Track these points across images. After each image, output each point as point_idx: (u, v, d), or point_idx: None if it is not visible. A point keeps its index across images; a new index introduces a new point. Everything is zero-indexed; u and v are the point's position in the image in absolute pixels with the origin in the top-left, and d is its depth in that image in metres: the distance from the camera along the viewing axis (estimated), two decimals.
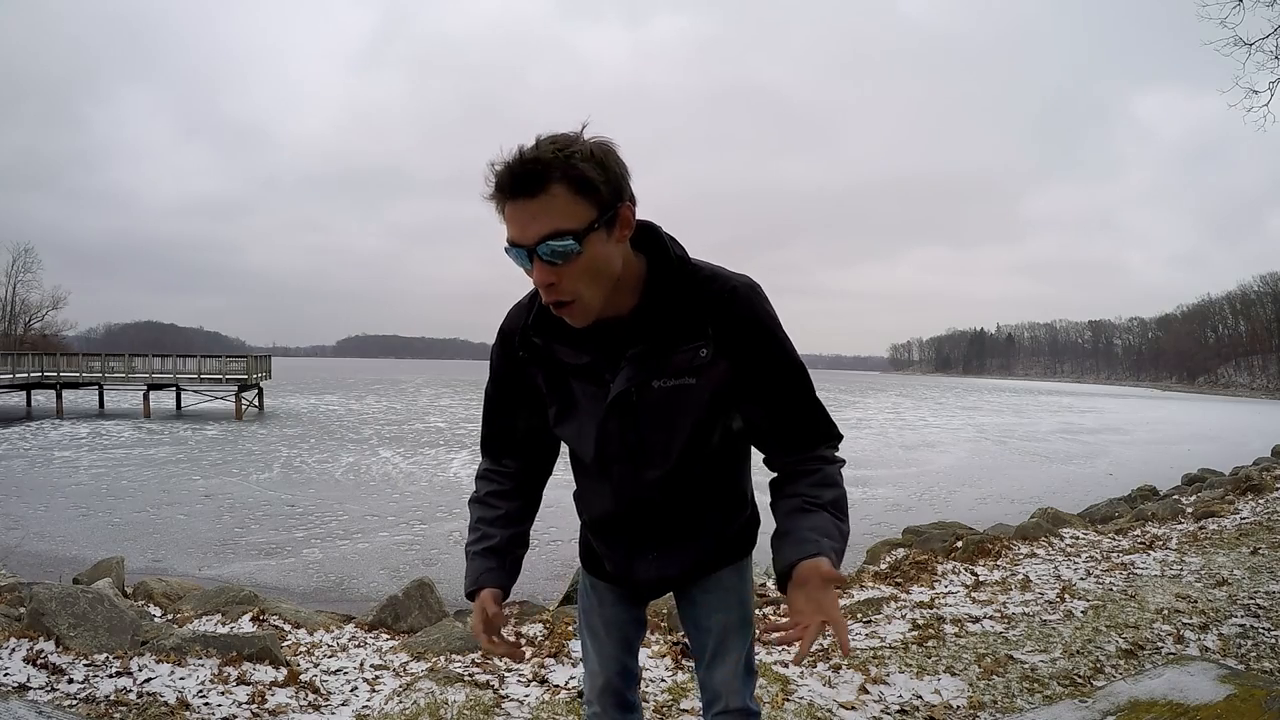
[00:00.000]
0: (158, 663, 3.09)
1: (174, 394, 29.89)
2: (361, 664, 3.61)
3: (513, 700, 2.91)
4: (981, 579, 4.86)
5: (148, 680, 2.91)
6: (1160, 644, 3.45)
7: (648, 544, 1.29)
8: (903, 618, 3.94)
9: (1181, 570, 4.92)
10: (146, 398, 27.34)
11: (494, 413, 1.33)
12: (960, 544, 6.10)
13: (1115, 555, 5.60)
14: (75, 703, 2.66)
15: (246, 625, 4.52)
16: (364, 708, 2.97)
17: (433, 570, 7.80)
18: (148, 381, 27.99)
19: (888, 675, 3.08)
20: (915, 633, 3.65)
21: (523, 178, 1.01)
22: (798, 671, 3.16)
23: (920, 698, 2.88)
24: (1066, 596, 4.26)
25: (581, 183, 1.02)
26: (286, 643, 3.99)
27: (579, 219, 1.02)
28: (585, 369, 1.18)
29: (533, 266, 1.05)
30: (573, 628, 3.89)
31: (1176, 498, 10.15)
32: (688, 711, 2.76)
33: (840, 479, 1.19)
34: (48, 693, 2.73)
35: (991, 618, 3.90)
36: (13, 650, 3.05)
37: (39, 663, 2.96)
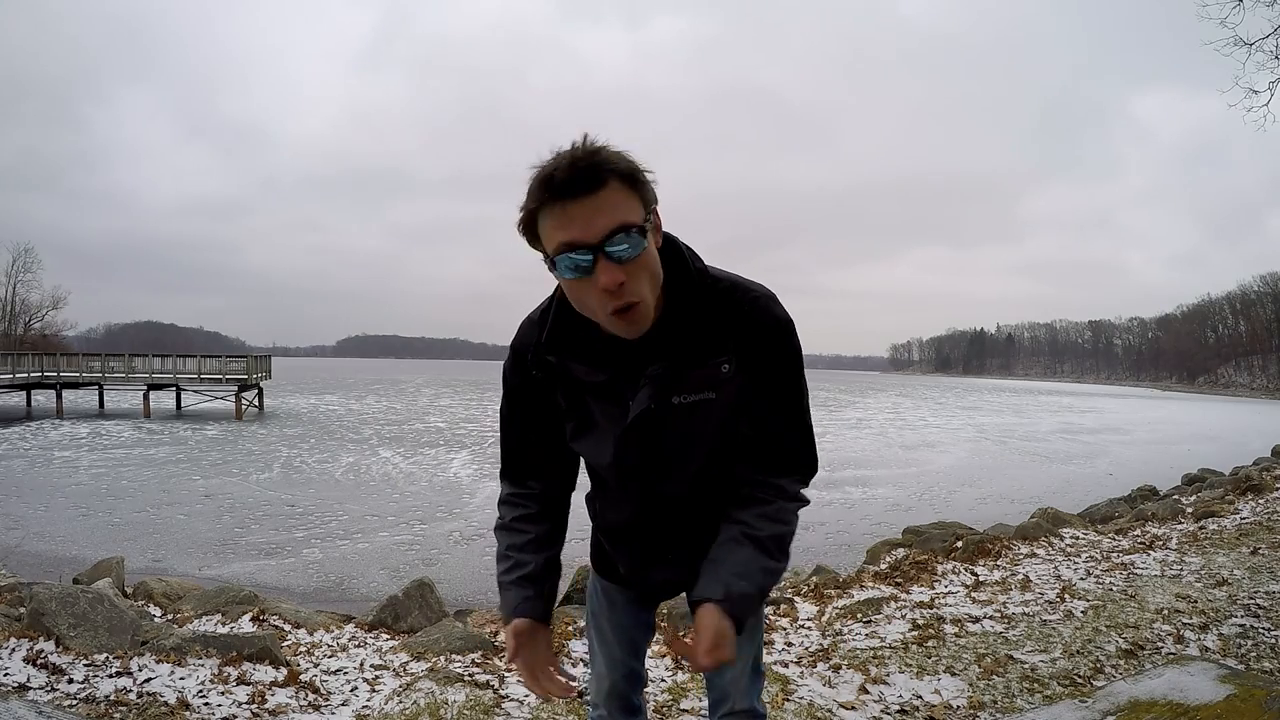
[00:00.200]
0: (158, 663, 3.09)
1: (174, 394, 29.87)
2: (361, 664, 3.61)
3: (513, 700, 2.91)
4: (981, 579, 4.86)
5: (148, 680, 2.91)
6: (1160, 644, 3.45)
7: (663, 549, 1.27)
8: (903, 618, 3.94)
9: (1181, 570, 4.92)
10: (146, 398, 27.34)
11: (512, 434, 1.28)
12: (960, 544, 6.10)
13: (1115, 555, 5.59)
14: (75, 703, 2.66)
15: (246, 625, 4.52)
16: (364, 708, 2.97)
17: (433, 570, 7.80)
18: (148, 381, 27.97)
19: (888, 675, 3.09)
20: (915, 633, 3.65)
21: (583, 172, 0.97)
22: (798, 671, 3.16)
23: (920, 698, 2.88)
24: (1066, 596, 4.26)
25: (633, 178, 1.00)
26: (286, 643, 3.99)
27: (637, 214, 1.00)
28: (603, 387, 1.14)
29: (595, 270, 0.99)
30: (572, 628, 3.89)
31: (1176, 498, 10.16)
32: (688, 711, 2.76)
33: (791, 517, 1.16)
34: (48, 693, 2.73)
35: (991, 618, 3.90)
36: (13, 650, 3.05)
37: (39, 663, 2.96)
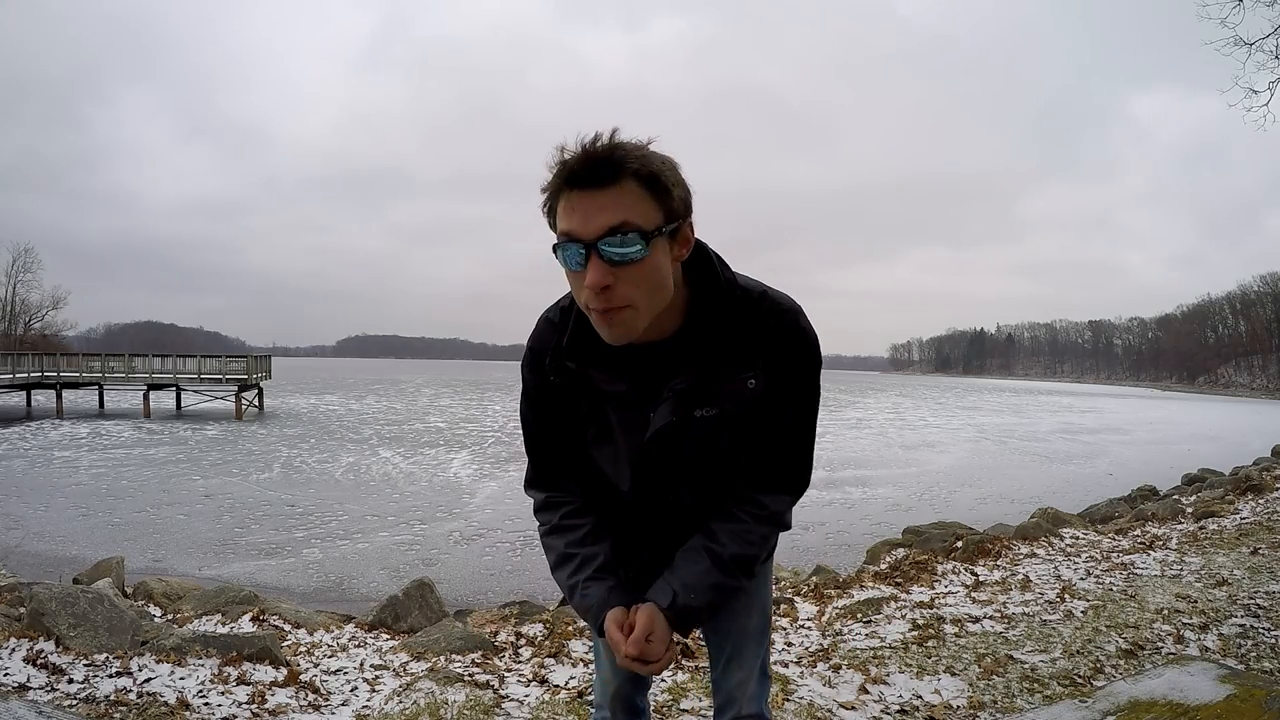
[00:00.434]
0: (158, 663, 3.09)
1: (174, 394, 29.87)
2: (361, 664, 3.61)
3: (513, 700, 2.91)
4: (981, 579, 4.86)
5: (148, 680, 2.91)
6: (1160, 644, 3.45)
7: (665, 556, 1.23)
8: (903, 618, 3.94)
9: (1181, 570, 4.92)
10: (146, 398, 27.33)
11: (539, 441, 1.23)
12: (960, 544, 6.10)
13: (1115, 555, 5.59)
14: (75, 703, 2.66)
15: (246, 625, 4.52)
16: (364, 708, 2.97)
17: (433, 570, 7.80)
18: (148, 381, 27.97)
19: (888, 675, 3.08)
20: (915, 633, 3.65)
21: (598, 164, 0.93)
22: (798, 671, 3.16)
23: (920, 698, 2.88)
24: (1066, 596, 4.26)
25: (655, 183, 0.95)
26: (286, 643, 3.99)
27: (648, 219, 0.95)
28: (623, 397, 1.10)
29: (586, 266, 0.96)
30: (572, 628, 3.89)
31: (1176, 498, 10.15)
32: (688, 711, 2.76)
33: (760, 540, 1.14)
34: (48, 693, 2.73)
35: (991, 618, 3.90)
36: (13, 650, 3.05)
37: (39, 663, 2.96)
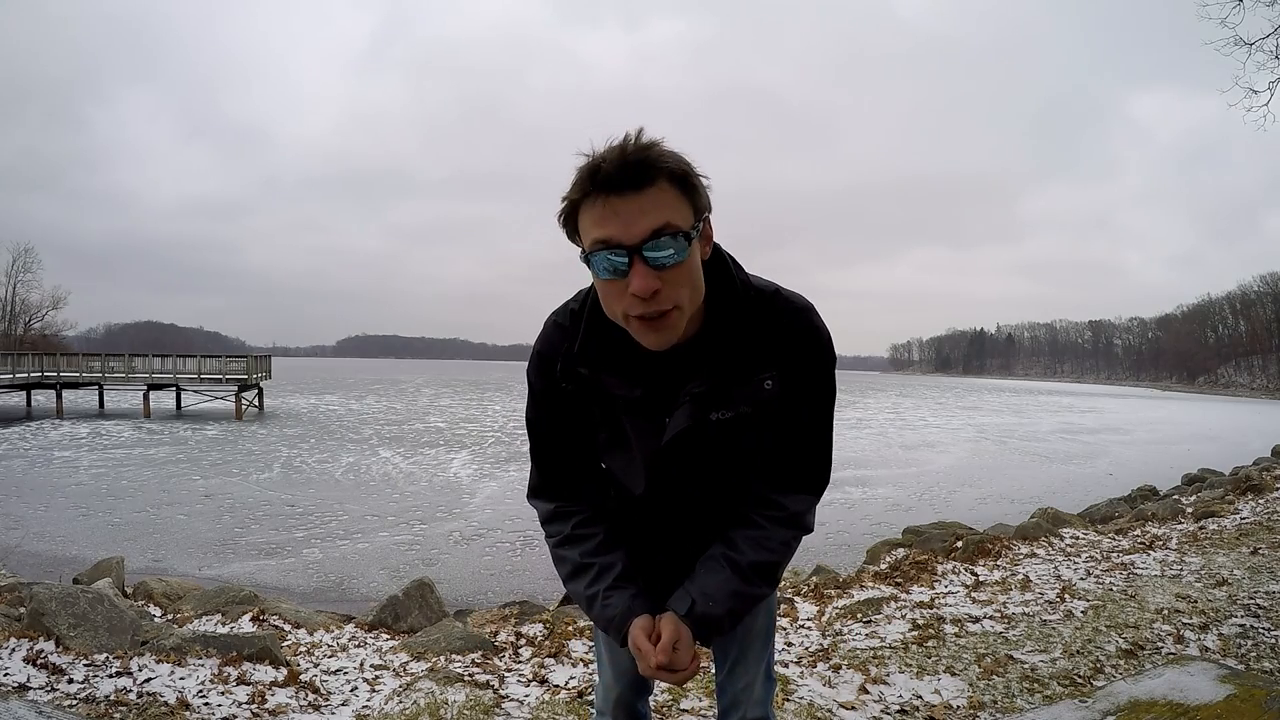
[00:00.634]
0: (158, 663, 3.09)
1: (174, 394, 29.87)
2: (361, 664, 3.61)
3: (513, 700, 2.91)
4: (981, 579, 4.86)
5: (148, 680, 2.91)
6: (1160, 644, 3.45)
7: (685, 561, 1.22)
8: (903, 618, 3.94)
9: (1181, 570, 4.92)
10: (146, 398, 27.33)
11: (549, 448, 1.19)
12: (960, 544, 6.10)
13: (1115, 555, 5.59)
14: (75, 703, 2.66)
15: (246, 625, 4.52)
16: (364, 708, 2.97)
17: (433, 570, 7.80)
18: (148, 381, 27.97)
19: (888, 675, 3.08)
20: (915, 633, 3.65)
21: (632, 167, 0.91)
22: (798, 671, 3.16)
23: (920, 698, 2.88)
24: (1066, 596, 4.26)
25: (686, 182, 0.94)
26: (286, 643, 3.99)
27: (684, 219, 0.94)
28: (637, 403, 1.08)
29: (630, 273, 0.93)
30: (573, 628, 3.89)
31: (1176, 498, 10.15)
32: (688, 711, 2.76)
33: (781, 546, 1.13)
34: (48, 693, 2.73)
35: (991, 618, 3.90)
36: (13, 650, 3.05)
37: (39, 663, 2.96)
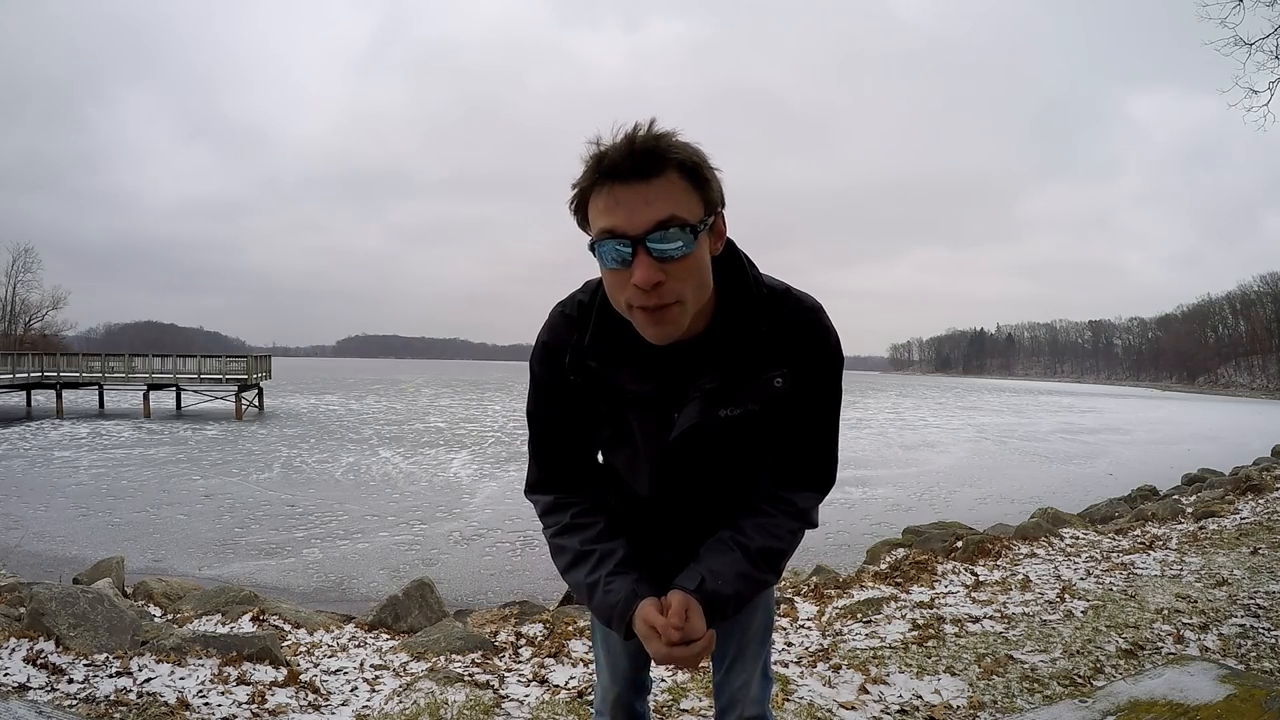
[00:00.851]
0: (158, 663, 3.09)
1: (174, 394, 29.87)
2: (361, 664, 3.61)
3: (513, 700, 2.91)
4: (981, 579, 4.86)
5: (148, 680, 2.91)
6: (1160, 644, 3.45)
7: (686, 556, 1.21)
8: (903, 618, 3.94)
9: (1181, 570, 4.91)
10: (146, 398, 27.32)
11: (550, 441, 1.17)
12: (960, 544, 6.10)
13: (1115, 555, 5.59)
14: (75, 703, 2.66)
15: (246, 625, 4.52)
16: (364, 708, 2.97)
17: (433, 570, 7.80)
18: (148, 381, 27.96)
19: (888, 675, 3.08)
20: (915, 633, 3.65)
21: (642, 155, 0.90)
22: (798, 671, 3.16)
23: (920, 698, 2.88)
24: (1066, 596, 4.26)
25: (697, 174, 0.93)
26: (286, 643, 3.99)
27: (692, 212, 0.93)
28: (647, 398, 1.07)
29: (634, 264, 0.92)
30: (573, 628, 3.89)
31: (1176, 498, 10.15)
32: (688, 711, 2.76)
33: (788, 535, 1.13)
34: (48, 693, 2.72)
35: (991, 618, 3.90)
36: (13, 650, 3.05)
37: (39, 663, 2.96)
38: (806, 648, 3.57)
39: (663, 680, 3.05)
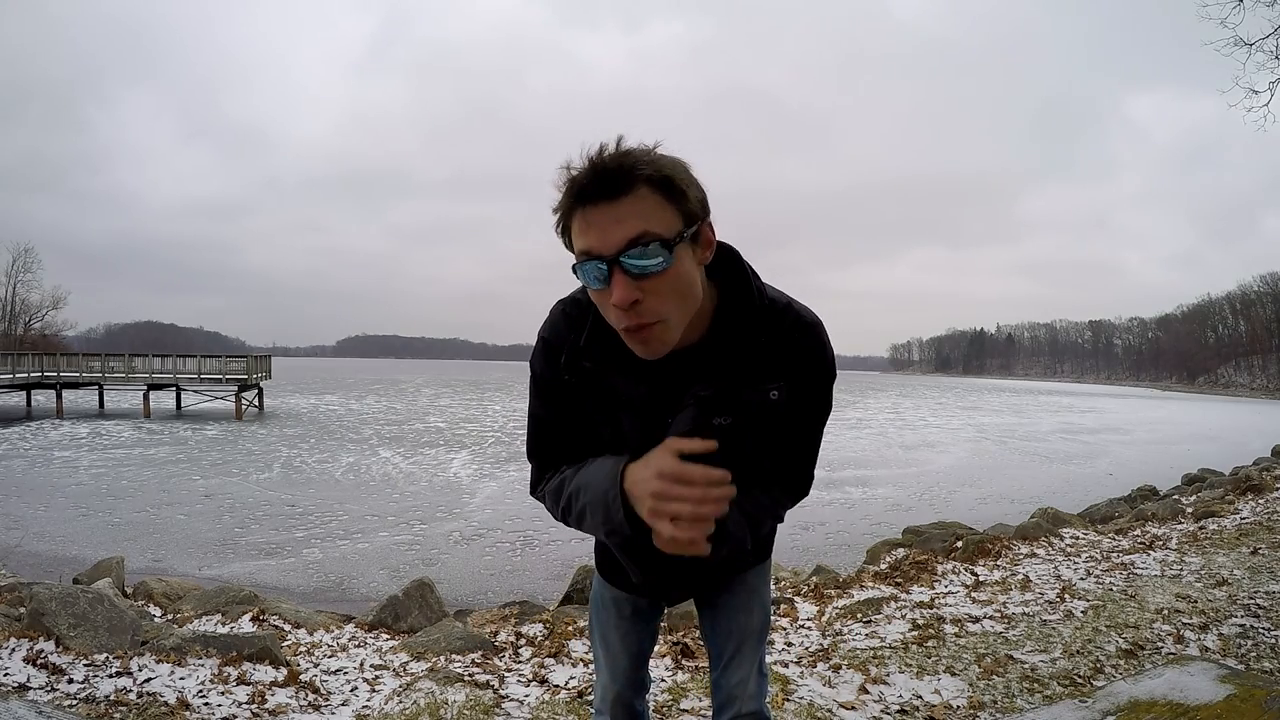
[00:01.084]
0: (158, 663, 3.09)
1: (174, 394, 29.86)
2: (361, 664, 3.61)
3: (513, 700, 2.92)
4: (981, 579, 4.86)
5: (148, 680, 2.91)
6: (1160, 644, 3.45)
7: (681, 560, 1.25)
8: (903, 618, 3.94)
9: (1181, 570, 4.91)
10: (146, 398, 27.32)
11: (550, 437, 1.17)
12: (960, 544, 6.10)
13: (1115, 555, 5.59)
14: (75, 703, 2.66)
15: (246, 625, 4.52)
16: (364, 708, 2.97)
17: (433, 570, 7.80)
18: (148, 381, 27.95)
19: (888, 675, 3.08)
20: (915, 633, 3.65)
21: (607, 175, 0.89)
22: (798, 671, 3.16)
23: (920, 698, 2.88)
24: (1066, 596, 4.26)
25: (669, 187, 0.91)
26: (286, 643, 3.99)
27: (668, 226, 0.91)
28: (641, 402, 1.07)
29: (611, 284, 0.91)
30: (573, 628, 3.89)
31: (1176, 498, 10.15)
32: (688, 711, 2.76)
33: (771, 505, 1.14)
34: (48, 693, 2.72)
35: (991, 618, 3.90)
36: (13, 650, 3.05)
37: (39, 663, 2.96)
38: (806, 648, 3.57)
39: (663, 680, 3.06)
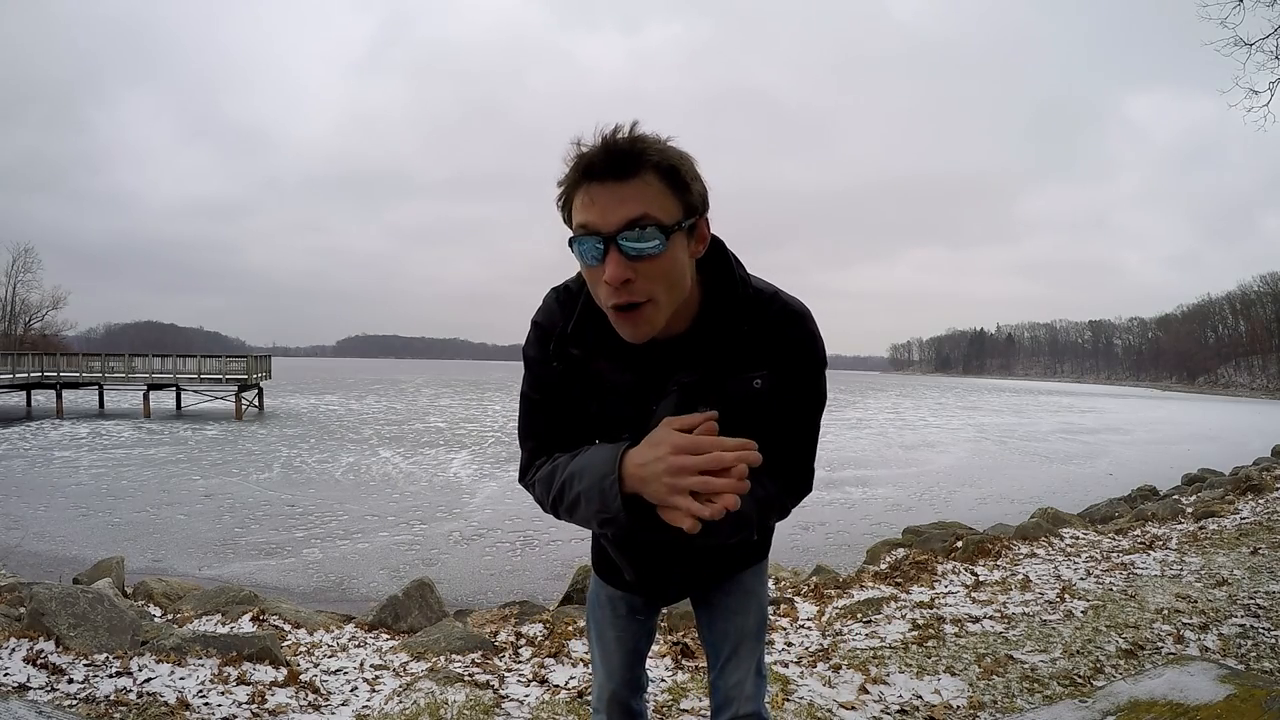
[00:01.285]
0: (158, 663, 3.09)
1: (174, 394, 29.86)
2: (361, 664, 3.61)
3: (513, 700, 2.92)
4: (981, 579, 4.86)
5: (148, 680, 2.91)
6: (1160, 644, 3.45)
7: (675, 555, 1.23)
8: (903, 618, 3.94)
9: (1181, 570, 4.91)
10: (146, 398, 27.31)
11: (541, 422, 1.18)
12: (960, 544, 6.10)
13: (1115, 555, 5.59)
14: (75, 703, 2.66)
15: (246, 625, 4.52)
16: (364, 708, 2.97)
17: (433, 570, 7.80)
18: (148, 381, 27.94)
19: (888, 675, 3.09)
20: (915, 633, 3.65)
21: (618, 155, 0.92)
22: (798, 671, 3.16)
23: (920, 698, 2.88)
24: (1066, 596, 4.26)
25: (675, 176, 0.94)
26: (286, 643, 3.99)
27: (667, 213, 0.94)
28: (627, 389, 1.08)
29: (605, 261, 0.94)
30: (573, 628, 3.89)
31: (1176, 498, 10.15)
32: (688, 711, 2.77)
33: (778, 500, 1.12)
34: (48, 693, 2.73)
35: (991, 618, 3.90)
36: (13, 650, 3.05)
37: (39, 663, 2.96)
38: (806, 648, 3.57)
39: (663, 680, 3.06)
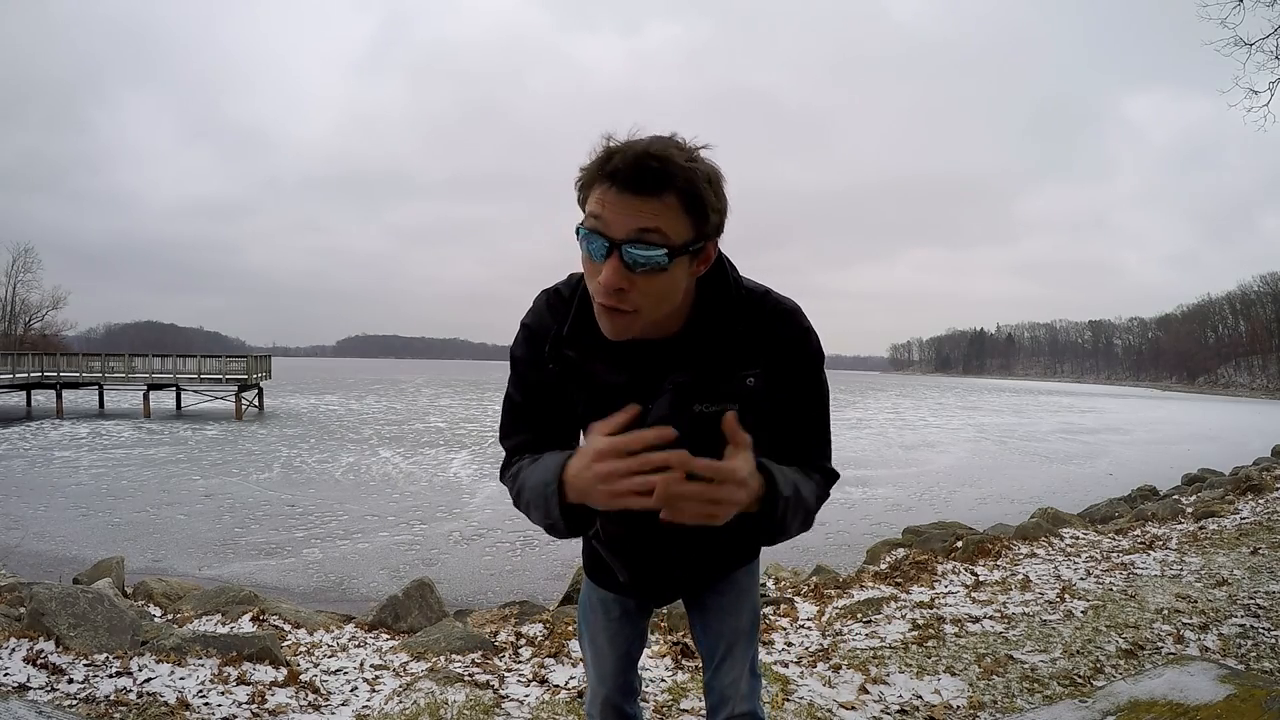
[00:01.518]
0: (158, 663, 3.09)
1: (174, 394, 29.86)
2: (361, 664, 3.61)
3: (513, 700, 2.92)
4: (981, 579, 4.86)
5: (148, 680, 2.91)
6: (1160, 644, 3.45)
7: (668, 558, 1.23)
8: (903, 618, 3.94)
9: (1181, 570, 4.92)
10: (146, 398, 27.32)
11: (521, 422, 1.17)
12: (960, 544, 6.10)
13: (1115, 555, 5.59)
14: (75, 703, 2.66)
15: (246, 625, 4.52)
16: (364, 708, 2.97)
17: (433, 570, 7.80)
18: (148, 381, 27.96)
19: (888, 675, 3.09)
20: (915, 633, 3.65)
21: (646, 173, 0.91)
22: (798, 671, 3.17)
23: (920, 698, 2.88)
24: (1066, 596, 4.26)
25: (696, 203, 0.95)
26: (286, 643, 3.99)
27: (679, 234, 0.95)
28: (621, 390, 1.08)
29: (605, 263, 0.95)
30: (572, 628, 3.89)
31: (1176, 498, 10.15)
32: (688, 711, 2.77)
33: (815, 491, 1.10)
34: (48, 693, 2.73)
35: (991, 618, 3.90)
36: (13, 650, 3.05)
37: (39, 663, 2.96)
38: (806, 648, 3.57)
39: (662, 680, 3.06)
